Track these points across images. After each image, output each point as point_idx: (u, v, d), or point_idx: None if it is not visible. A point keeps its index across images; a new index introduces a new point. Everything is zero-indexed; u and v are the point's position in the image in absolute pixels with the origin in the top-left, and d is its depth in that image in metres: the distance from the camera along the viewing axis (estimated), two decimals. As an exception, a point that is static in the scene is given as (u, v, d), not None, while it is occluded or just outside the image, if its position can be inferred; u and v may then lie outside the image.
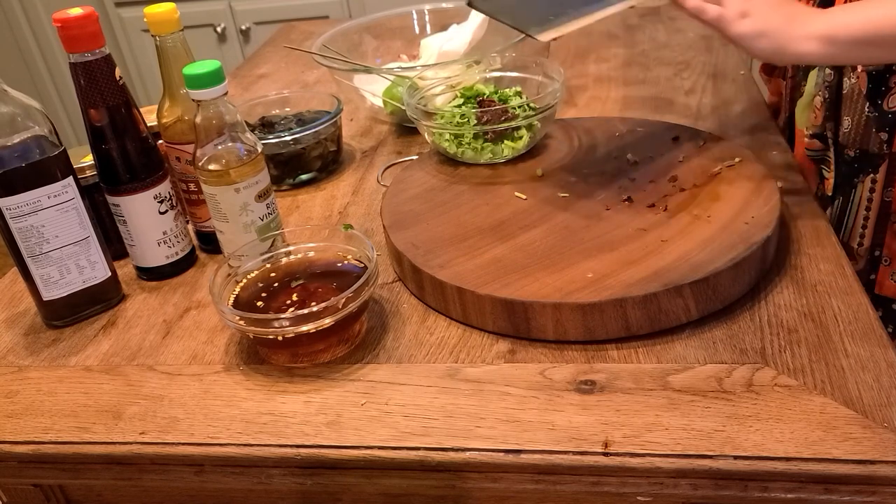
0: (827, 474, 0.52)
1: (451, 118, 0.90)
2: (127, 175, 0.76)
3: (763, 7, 0.69)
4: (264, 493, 0.65)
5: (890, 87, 0.83)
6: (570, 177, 0.84)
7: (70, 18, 0.70)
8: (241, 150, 0.74)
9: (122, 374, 0.69)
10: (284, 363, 0.67)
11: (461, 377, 0.63)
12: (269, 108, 1.06)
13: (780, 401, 0.57)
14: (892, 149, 0.82)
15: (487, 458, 0.56)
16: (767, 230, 0.69)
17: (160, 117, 0.81)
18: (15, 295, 0.83)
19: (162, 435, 0.61)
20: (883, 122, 0.82)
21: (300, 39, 1.60)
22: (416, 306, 0.73)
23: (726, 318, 0.66)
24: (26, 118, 0.71)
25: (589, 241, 0.72)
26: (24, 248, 0.72)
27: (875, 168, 0.84)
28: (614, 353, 0.64)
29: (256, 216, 0.76)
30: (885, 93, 0.83)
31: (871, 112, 0.83)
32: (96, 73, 0.73)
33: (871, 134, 0.84)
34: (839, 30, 0.67)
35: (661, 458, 0.54)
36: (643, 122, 0.94)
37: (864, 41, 0.67)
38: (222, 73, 0.72)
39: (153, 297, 0.80)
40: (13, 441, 0.63)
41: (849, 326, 0.63)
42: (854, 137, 0.86)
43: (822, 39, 0.67)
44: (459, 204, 0.82)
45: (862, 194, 0.87)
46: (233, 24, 2.54)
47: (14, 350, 0.75)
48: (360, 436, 0.59)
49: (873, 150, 0.84)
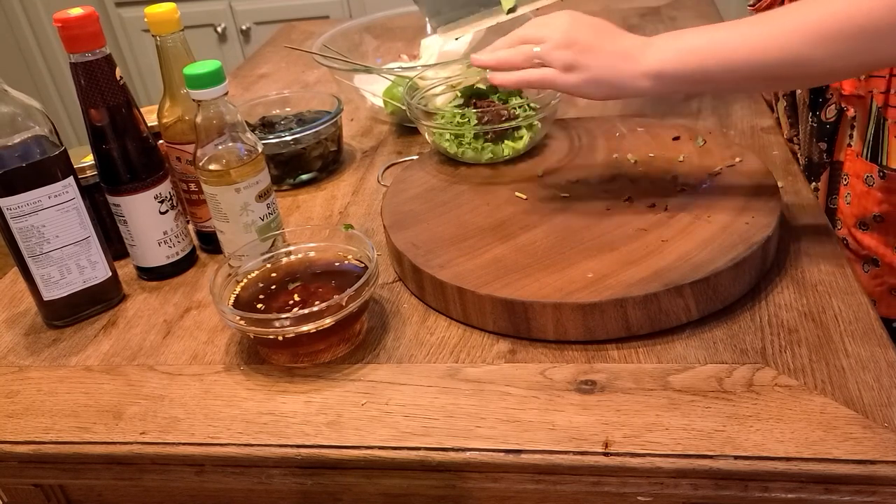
0: (827, 474, 0.52)
1: (452, 118, 0.90)
2: (127, 175, 0.77)
3: (588, 56, 0.67)
4: (265, 493, 0.65)
5: (827, 99, 0.83)
6: (571, 177, 0.84)
7: (70, 18, 0.70)
8: (241, 150, 0.74)
9: (123, 374, 0.69)
10: (285, 363, 0.67)
11: (461, 377, 0.63)
12: (269, 108, 1.06)
13: (781, 401, 0.57)
14: (832, 157, 0.83)
15: (488, 458, 0.56)
16: (768, 230, 0.69)
17: (160, 117, 0.81)
18: (15, 295, 0.83)
19: (162, 435, 0.61)
20: (822, 132, 0.82)
21: (300, 39, 1.60)
22: (417, 306, 0.73)
23: (727, 318, 0.66)
24: (27, 118, 0.71)
25: (589, 241, 0.72)
26: (24, 248, 0.72)
27: (817, 176, 0.85)
28: (615, 353, 0.64)
29: (257, 216, 0.76)
30: (823, 104, 0.83)
31: (813, 122, 0.84)
32: (97, 73, 0.73)
33: (813, 143, 0.84)
34: (667, 66, 0.64)
35: (661, 458, 0.54)
36: (643, 122, 0.94)
37: (690, 78, 0.64)
38: (223, 73, 0.72)
39: (154, 297, 0.80)
40: (14, 441, 0.63)
41: (849, 326, 0.63)
42: (803, 146, 0.87)
43: (653, 77, 0.65)
44: (460, 204, 0.82)
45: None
46: (233, 24, 2.54)
47: (14, 350, 0.75)
48: (361, 436, 0.59)
49: (815, 159, 0.84)
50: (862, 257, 0.84)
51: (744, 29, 0.62)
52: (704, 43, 0.63)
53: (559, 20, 0.69)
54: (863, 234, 0.83)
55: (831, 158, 0.83)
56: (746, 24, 0.63)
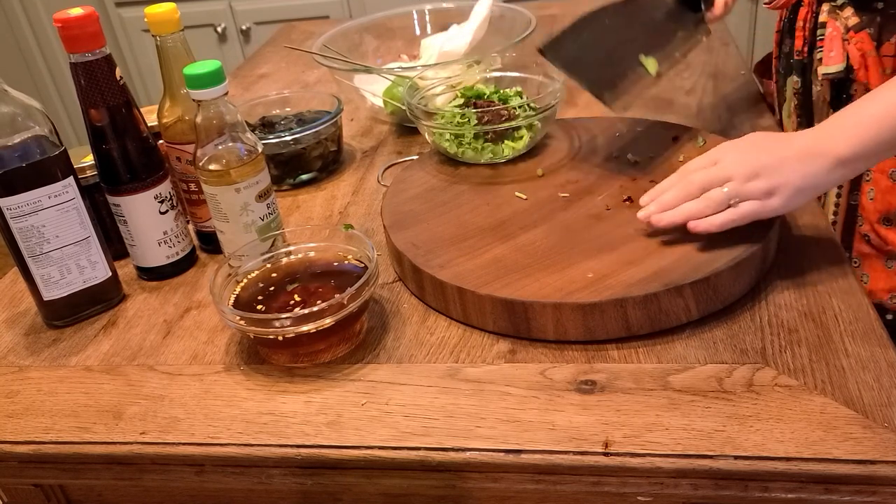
0: (827, 474, 0.52)
1: (452, 118, 0.90)
2: (127, 175, 0.77)
3: (779, 174, 0.65)
4: (265, 493, 0.65)
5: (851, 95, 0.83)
6: (571, 177, 0.84)
7: (71, 19, 0.70)
8: (241, 150, 0.74)
9: (123, 374, 0.69)
10: (285, 363, 0.67)
11: (461, 377, 0.63)
12: (269, 108, 1.06)
13: (781, 401, 0.57)
14: None
15: (488, 458, 0.56)
16: (768, 230, 0.69)
17: (160, 117, 0.81)
18: (15, 295, 0.83)
19: (162, 435, 0.61)
20: None
21: (300, 39, 1.60)
22: (417, 306, 0.73)
23: (727, 318, 0.66)
24: (27, 118, 0.71)
25: (589, 241, 0.72)
26: (24, 248, 0.72)
27: None
28: (615, 353, 0.64)
29: (257, 216, 0.76)
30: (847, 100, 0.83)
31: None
32: (97, 73, 0.73)
33: None
34: (855, 148, 0.64)
35: (661, 458, 0.54)
36: (643, 122, 0.94)
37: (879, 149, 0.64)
38: (223, 73, 0.72)
39: (154, 297, 0.80)
40: (14, 441, 0.63)
41: (849, 326, 0.63)
42: None
43: (846, 163, 0.64)
44: (460, 204, 0.82)
45: (830, 198, 0.88)
46: (233, 24, 2.54)
47: (14, 350, 0.75)
48: (361, 436, 0.59)
49: None
50: (885, 253, 0.84)
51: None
52: (881, 110, 0.64)
53: (731, 154, 0.69)
54: (887, 230, 0.83)
55: None
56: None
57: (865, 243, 0.84)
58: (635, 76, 0.84)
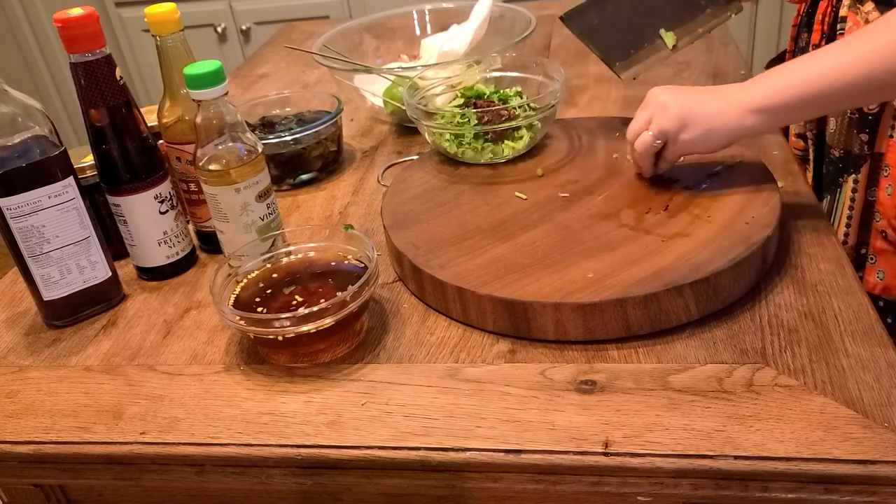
0: (827, 474, 0.52)
1: (452, 118, 0.90)
2: (127, 175, 0.77)
3: (695, 112, 0.72)
4: (265, 493, 0.65)
5: None
6: (571, 177, 0.84)
7: (71, 19, 0.70)
8: (241, 150, 0.74)
9: (123, 374, 0.69)
10: (285, 363, 0.67)
11: (461, 377, 0.63)
12: (269, 108, 1.06)
13: (781, 401, 0.57)
14: (874, 149, 0.83)
15: (488, 458, 0.56)
16: (768, 230, 0.69)
17: (160, 117, 0.81)
18: (15, 295, 0.83)
19: (162, 435, 0.61)
20: (863, 123, 0.83)
21: (300, 39, 1.60)
22: (417, 306, 0.73)
23: (727, 318, 0.66)
24: (27, 118, 0.71)
25: (589, 241, 0.72)
26: (24, 248, 0.72)
27: (857, 168, 0.85)
28: (615, 353, 0.64)
29: (257, 216, 0.76)
30: None
31: (853, 114, 0.84)
32: (97, 73, 0.73)
33: (853, 135, 0.84)
34: (772, 99, 0.70)
35: (661, 458, 0.54)
36: (643, 122, 0.93)
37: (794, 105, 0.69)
38: (223, 73, 0.72)
39: (153, 297, 0.80)
40: (14, 441, 0.63)
41: (849, 326, 0.63)
42: (839, 138, 0.87)
43: (759, 111, 0.70)
44: (460, 204, 0.82)
45: (846, 193, 0.88)
46: (233, 24, 2.54)
47: (14, 350, 0.75)
48: (361, 436, 0.59)
49: (855, 151, 0.85)
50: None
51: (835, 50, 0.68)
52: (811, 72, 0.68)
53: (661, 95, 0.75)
54: None
55: (872, 150, 0.83)
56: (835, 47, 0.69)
57: (882, 239, 0.84)
58: (652, 48, 0.85)
